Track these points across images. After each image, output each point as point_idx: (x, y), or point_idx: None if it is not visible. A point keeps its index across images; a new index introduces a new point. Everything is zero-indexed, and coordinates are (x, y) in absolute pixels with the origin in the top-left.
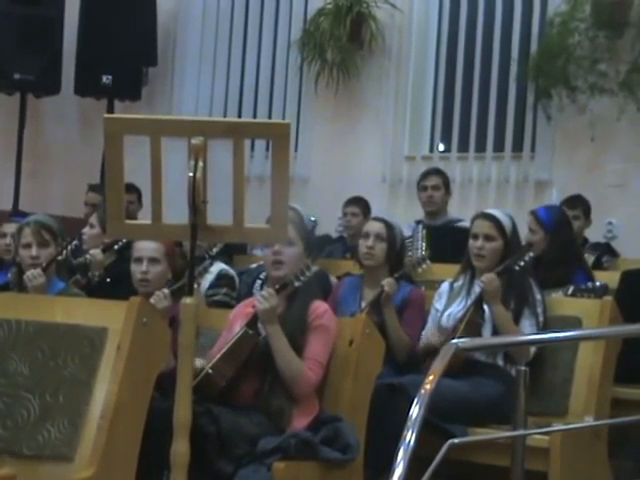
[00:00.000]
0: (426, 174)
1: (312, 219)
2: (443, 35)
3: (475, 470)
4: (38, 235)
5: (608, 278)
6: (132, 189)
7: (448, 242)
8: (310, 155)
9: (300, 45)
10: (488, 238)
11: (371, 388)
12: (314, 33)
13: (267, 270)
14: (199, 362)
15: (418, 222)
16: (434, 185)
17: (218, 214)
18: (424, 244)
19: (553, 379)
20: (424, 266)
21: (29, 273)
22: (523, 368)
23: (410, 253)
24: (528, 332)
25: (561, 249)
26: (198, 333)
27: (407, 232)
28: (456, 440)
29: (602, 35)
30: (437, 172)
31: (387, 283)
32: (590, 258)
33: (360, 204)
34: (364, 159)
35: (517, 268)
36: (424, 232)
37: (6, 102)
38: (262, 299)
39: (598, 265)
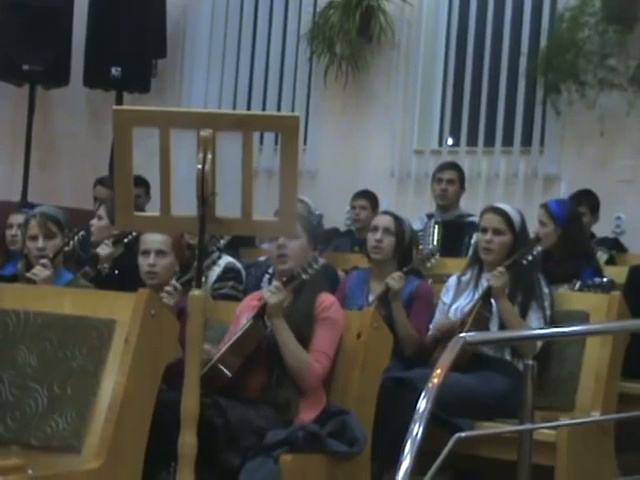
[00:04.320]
0: (442, 167)
1: (317, 212)
2: (452, 29)
3: (482, 464)
4: (44, 227)
5: (616, 273)
6: (140, 182)
7: (459, 236)
8: (319, 149)
9: (309, 38)
10: (497, 232)
11: (379, 381)
12: (323, 26)
13: (273, 264)
14: (206, 346)
15: (430, 216)
16: (449, 179)
17: (227, 207)
18: (435, 238)
19: (560, 374)
20: (433, 260)
21: (34, 270)
22: (530, 362)
23: (421, 246)
24: (535, 326)
25: (571, 243)
26: (206, 325)
27: (418, 225)
28: (463, 434)
29: (612, 30)
30: (453, 166)
31: (392, 279)
32: (603, 257)
33: (369, 197)
34: (373, 153)
35: (525, 262)
36: (435, 226)
37: (15, 93)
38: (270, 293)
39: (611, 263)
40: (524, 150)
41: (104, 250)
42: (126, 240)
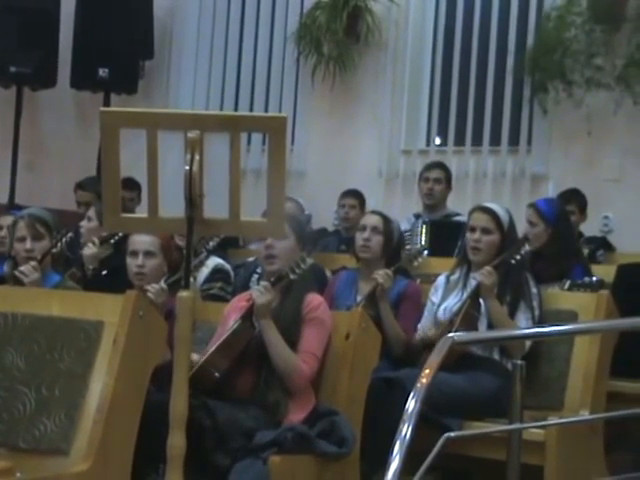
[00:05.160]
0: (429, 166)
1: (306, 212)
2: (440, 29)
3: (471, 464)
4: (32, 228)
5: (604, 272)
6: (133, 185)
7: (447, 237)
8: (306, 149)
9: (296, 39)
10: (485, 231)
11: (367, 382)
12: (310, 27)
13: (261, 264)
14: (195, 357)
15: (417, 216)
16: (436, 178)
17: (214, 207)
18: (422, 238)
19: (549, 373)
20: (420, 259)
21: (23, 268)
22: (519, 362)
23: (409, 246)
24: (524, 326)
25: (562, 242)
26: (195, 326)
27: (406, 225)
28: (452, 434)
29: (599, 29)
30: (440, 166)
31: (381, 275)
32: (584, 252)
33: (357, 196)
34: (360, 153)
35: (513, 262)
36: (423, 226)
37: (2, 95)
38: (259, 293)
39: (593, 259)
40: (511, 149)
41: (88, 250)
42: (113, 241)
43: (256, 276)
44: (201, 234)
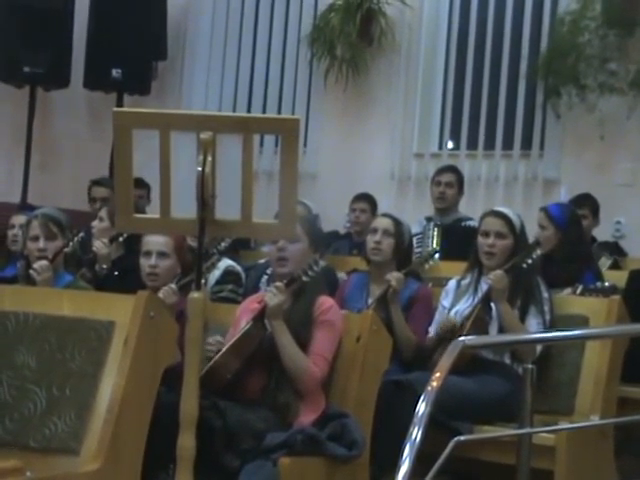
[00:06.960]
0: (441, 170)
1: (313, 213)
2: (453, 32)
3: (481, 468)
4: (46, 228)
5: (616, 277)
6: (142, 184)
7: (458, 240)
8: (319, 151)
9: (310, 41)
10: (499, 236)
11: (378, 384)
12: (324, 29)
13: (272, 266)
14: (220, 337)
15: (428, 219)
16: (448, 182)
17: (226, 209)
18: (434, 241)
19: (560, 378)
20: (431, 262)
21: (37, 266)
22: (530, 366)
23: (420, 250)
24: (534, 330)
25: (572, 247)
26: (206, 328)
27: (417, 229)
28: (462, 437)
29: (612, 34)
30: (452, 169)
31: (394, 277)
32: (607, 262)
33: (369, 200)
34: (373, 156)
35: (525, 266)
36: (434, 229)
37: (15, 95)
38: (272, 294)
39: (615, 266)
40: (524, 154)
41: (102, 250)
42: (121, 239)
43: (266, 276)
44: (213, 235)
